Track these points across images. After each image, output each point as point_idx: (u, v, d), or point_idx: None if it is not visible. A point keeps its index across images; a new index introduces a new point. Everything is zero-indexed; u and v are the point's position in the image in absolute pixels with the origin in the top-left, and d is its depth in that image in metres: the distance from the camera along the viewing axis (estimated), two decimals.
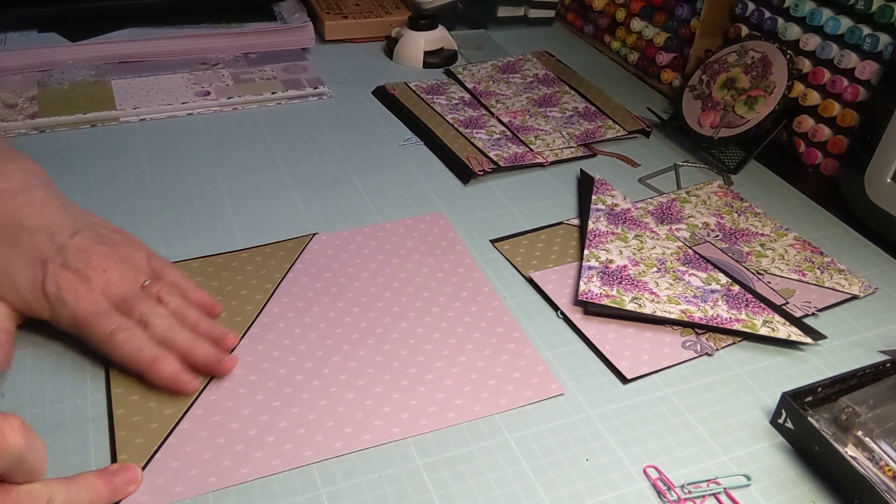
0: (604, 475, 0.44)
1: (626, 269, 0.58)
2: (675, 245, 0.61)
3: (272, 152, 0.71)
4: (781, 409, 0.47)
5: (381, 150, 0.73)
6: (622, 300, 0.55)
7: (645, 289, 0.56)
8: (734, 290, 0.57)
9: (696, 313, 0.54)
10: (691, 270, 0.58)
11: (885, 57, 0.67)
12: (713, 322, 0.53)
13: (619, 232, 0.62)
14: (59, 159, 0.67)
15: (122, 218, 0.61)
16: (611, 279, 0.56)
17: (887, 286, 0.60)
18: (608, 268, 0.57)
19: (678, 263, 0.59)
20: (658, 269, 0.58)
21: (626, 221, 0.63)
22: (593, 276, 0.57)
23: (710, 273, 0.58)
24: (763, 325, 0.54)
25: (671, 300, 0.55)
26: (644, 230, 0.62)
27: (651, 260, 0.59)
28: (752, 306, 0.55)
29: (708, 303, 0.55)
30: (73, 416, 0.44)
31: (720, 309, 0.55)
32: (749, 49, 0.76)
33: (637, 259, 0.59)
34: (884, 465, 0.42)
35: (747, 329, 0.53)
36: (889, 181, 0.64)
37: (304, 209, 0.64)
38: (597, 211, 0.64)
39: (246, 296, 0.54)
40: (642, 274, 0.57)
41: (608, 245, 0.60)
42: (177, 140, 0.71)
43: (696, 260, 0.60)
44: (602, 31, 0.99)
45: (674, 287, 0.56)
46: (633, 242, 0.61)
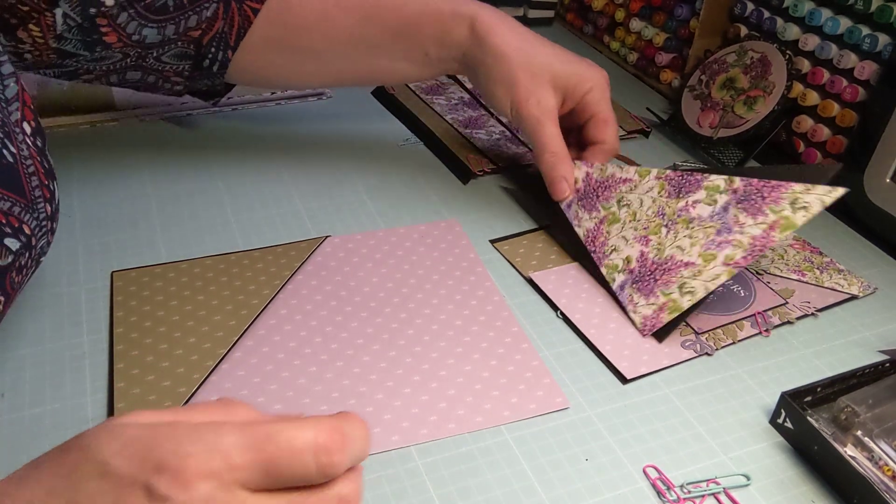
0: (603, 475, 0.44)
1: (645, 257, 0.53)
2: (654, 180, 0.56)
3: (272, 152, 0.71)
4: (781, 408, 0.47)
5: (380, 151, 0.73)
6: (675, 301, 0.51)
7: (679, 265, 0.52)
8: (738, 188, 0.51)
9: (737, 255, 0.49)
10: (690, 199, 0.53)
11: (885, 57, 0.67)
12: (756, 250, 0.49)
13: (605, 213, 0.57)
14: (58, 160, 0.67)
15: (122, 218, 0.61)
16: (645, 283, 0.53)
17: (886, 286, 0.60)
18: (632, 271, 0.54)
19: (674, 202, 0.54)
20: (667, 227, 0.53)
21: (597, 194, 0.59)
22: (631, 294, 0.53)
23: (705, 185, 0.53)
24: (794, 210, 0.49)
25: (705, 258, 0.50)
26: (618, 187, 0.58)
27: (653, 220, 0.54)
28: (767, 195, 0.50)
29: (733, 230, 0.50)
30: (73, 416, 0.44)
31: (748, 227, 0.49)
32: (748, 49, 0.76)
33: (642, 233, 0.54)
34: (883, 465, 0.42)
35: (788, 230, 0.49)
36: (888, 181, 0.64)
37: (303, 209, 0.64)
38: (569, 209, 0.61)
39: (253, 291, 0.54)
40: (661, 249, 0.53)
41: (610, 241, 0.56)
42: (177, 140, 0.71)
43: (682, 182, 0.55)
44: (601, 32, 0.99)
45: (695, 237, 0.52)
46: (623, 213, 0.56)
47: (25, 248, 0.44)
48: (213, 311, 0.52)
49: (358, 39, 0.62)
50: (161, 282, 0.54)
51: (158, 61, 0.60)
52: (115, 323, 0.50)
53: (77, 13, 0.53)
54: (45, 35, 0.53)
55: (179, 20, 0.58)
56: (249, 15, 0.60)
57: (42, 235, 0.47)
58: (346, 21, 0.62)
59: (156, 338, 0.50)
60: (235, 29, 0.60)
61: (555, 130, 0.61)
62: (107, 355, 0.49)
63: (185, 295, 0.53)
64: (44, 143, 0.48)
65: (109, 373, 0.47)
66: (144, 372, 0.47)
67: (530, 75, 0.60)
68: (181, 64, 0.61)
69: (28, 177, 0.45)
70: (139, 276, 0.55)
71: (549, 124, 0.61)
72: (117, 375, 0.47)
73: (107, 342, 0.50)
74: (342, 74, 0.66)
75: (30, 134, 0.47)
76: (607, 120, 0.62)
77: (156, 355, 0.48)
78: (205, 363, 0.48)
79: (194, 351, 0.49)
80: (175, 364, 0.48)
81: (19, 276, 0.45)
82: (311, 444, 0.28)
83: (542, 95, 0.60)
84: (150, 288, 0.54)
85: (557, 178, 0.61)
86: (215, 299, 0.53)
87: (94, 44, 0.55)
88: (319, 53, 0.63)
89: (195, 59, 0.61)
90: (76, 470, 0.28)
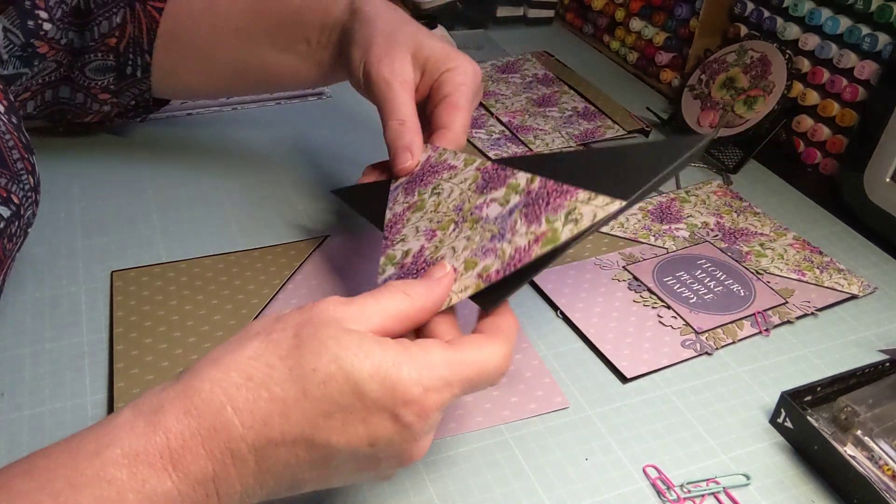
0: (603, 474, 0.44)
1: (421, 254, 0.46)
2: (473, 170, 0.49)
3: (272, 152, 0.71)
4: (781, 408, 0.47)
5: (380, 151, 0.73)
6: None
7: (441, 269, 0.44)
8: (533, 189, 0.44)
9: (493, 267, 0.42)
10: (489, 196, 0.46)
11: (884, 56, 0.67)
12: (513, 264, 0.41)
13: (416, 199, 0.50)
14: (58, 161, 0.67)
15: (122, 218, 0.61)
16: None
17: (886, 286, 0.60)
18: (403, 265, 0.46)
19: (476, 197, 0.47)
20: (455, 224, 0.46)
21: (422, 178, 0.51)
22: None
23: (508, 183, 0.46)
24: (566, 222, 0.41)
25: (467, 264, 0.43)
26: (441, 173, 0.50)
27: (449, 215, 0.47)
28: (552, 201, 0.43)
29: (506, 237, 0.43)
30: (73, 416, 0.44)
31: (518, 235, 0.43)
32: (748, 49, 0.76)
33: (434, 226, 0.47)
34: (883, 465, 0.42)
35: (549, 245, 0.41)
36: (888, 180, 0.64)
37: (303, 209, 0.64)
38: (394, 191, 0.52)
39: (253, 290, 0.54)
40: (438, 247, 0.46)
41: (405, 230, 0.48)
42: (177, 141, 0.71)
43: (493, 176, 0.48)
44: (601, 31, 0.99)
45: (472, 239, 0.45)
46: (431, 202, 0.49)
47: (15, 216, 0.45)
48: (213, 310, 0.52)
49: (243, 30, 0.61)
50: (161, 281, 0.54)
51: (83, 75, 0.61)
52: (115, 323, 0.50)
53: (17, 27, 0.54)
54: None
55: (93, 25, 0.59)
56: (154, 15, 0.60)
57: (28, 206, 0.47)
58: (233, 10, 0.61)
59: (155, 337, 0.50)
60: (145, 31, 0.60)
61: (406, 97, 0.53)
62: (107, 355, 0.49)
63: (184, 295, 0.53)
64: (19, 120, 0.49)
65: (109, 372, 0.47)
66: (144, 371, 0.47)
67: (391, 41, 0.54)
68: (105, 78, 0.62)
69: (9, 150, 0.46)
70: (139, 276, 0.55)
71: (401, 90, 0.53)
72: (117, 375, 0.47)
73: (107, 342, 0.50)
74: (230, 73, 0.64)
75: (3, 112, 0.47)
76: (458, 105, 0.53)
77: (155, 355, 0.48)
78: None
79: (194, 350, 0.49)
80: (174, 364, 0.48)
81: (10, 243, 0.45)
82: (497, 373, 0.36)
83: (399, 61, 0.53)
84: (150, 288, 0.54)
85: (401, 148, 0.51)
86: (215, 299, 0.53)
87: (31, 58, 0.56)
88: (207, 48, 0.62)
89: (117, 70, 0.62)
90: (330, 381, 0.32)
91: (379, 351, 0.33)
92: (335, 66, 0.60)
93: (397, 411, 0.32)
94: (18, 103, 0.60)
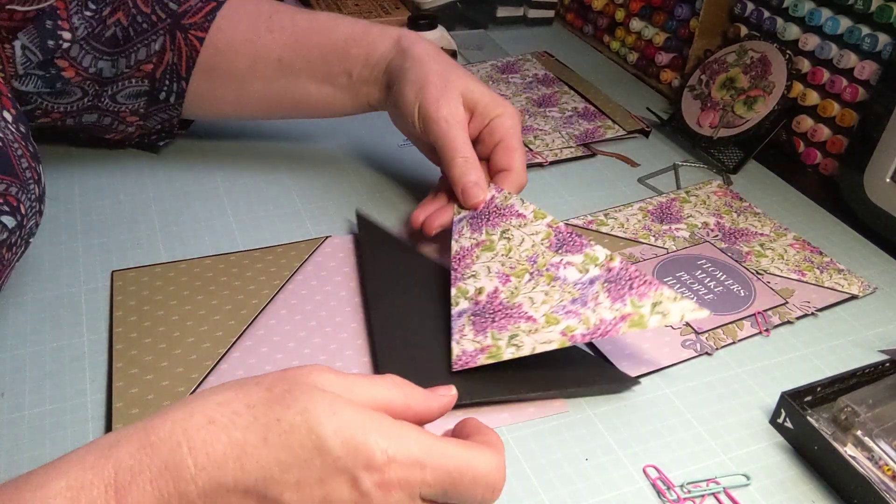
0: (603, 475, 0.44)
1: (497, 295, 0.50)
2: (544, 225, 0.54)
3: (272, 152, 0.71)
4: (781, 408, 0.47)
5: (380, 151, 0.73)
6: (499, 348, 0.47)
7: (521, 316, 0.49)
8: (614, 267, 0.50)
9: (578, 329, 0.46)
10: (565, 258, 0.51)
11: (885, 57, 0.67)
12: (598, 333, 0.46)
13: (485, 238, 0.54)
14: (58, 161, 0.67)
15: (122, 219, 0.61)
16: (482, 319, 0.49)
17: (886, 286, 0.60)
18: (478, 303, 0.50)
19: (550, 254, 0.52)
20: (531, 275, 0.51)
21: (489, 218, 0.55)
22: (464, 325, 0.49)
23: (586, 252, 0.51)
24: (653, 312, 0.47)
25: (549, 320, 0.47)
26: (510, 219, 0.55)
27: (522, 264, 0.52)
28: (635, 287, 0.48)
29: (588, 304, 0.48)
30: (73, 416, 0.44)
31: (602, 308, 0.47)
32: (748, 49, 0.76)
33: (507, 271, 0.52)
34: (883, 465, 0.42)
35: (636, 328, 0.46)
36: (888, 181, 0.64)
37: (303, 209, 0.64)
38: (458, 223, 0.56)
39: (253, 291, 0.54)
40: (514, 293, 0.50)
41: (475, 266, 0.53)
42: (177, 140, 0.71)
43: (568, 239, 0.52)
44: (601, 32, 0.99)
45: (550, 295, 0.49)
46: (501, 245, 0.53)
47: (19, 227, 0.45)
48: (213, 310, 0.52)
49: (284, 63, 0.62)
50: (161, 281, 0.54)
51: (114, 101, 0.61)
52: (115, 322, 0.50)
53: (36, 46, 0.54)
54: (5, 70, 0.54)
55: (130, 53, 0.58)
56: (195, 44, 0.60)
57: (32, 216, 0.47)
58: (274, 44, 0.61)
59: (155, 337, 0.50)
60: (184, 59, 0.61)
61: (465, 136, 0.57)
62: (106, 355, 0.49)
63: (184, 295, 0.53)
64: (27, 129, 0.49)
65: (109, 373, 0.47)
66: (143, 371, 0.47)
67: (444, 81, 0.58)
68: (136, 102, 0.62)
69: (17, 159, 0.46)
70: (139, 276, 0.55)
71: (459, 129, 0.57)
72: (116, 374, 0.47)
73: (107, 342, 0.50)
74: (263, 101, 0.65)
75: (11, 122, 0.47)
76: (516, 149, 0.58)
77: (155, 354, 0.48)
78: (203, 363, 0.48)
79: (193, 350, 0.49)
80: (174, 363, 0.48)
81: (10, 253, 0.45)
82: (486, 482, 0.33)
83: (454, 102, 0.57)
84: (150, 287, 0.54)
85: (471, 184, 0.56)
86: (215, 299, 0.53)
87: (53, 79, 0.56)
88: (243, 77, 0.62)
89: (150, 95, 0.61)
90: (293, 432, 0.30)
91: (349, 411, 0.31)
92: (375, 101, 0.63)
93: (357, 474, 0.30)
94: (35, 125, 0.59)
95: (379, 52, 0.61)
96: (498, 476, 0.33)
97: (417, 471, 0.31)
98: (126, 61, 0.59)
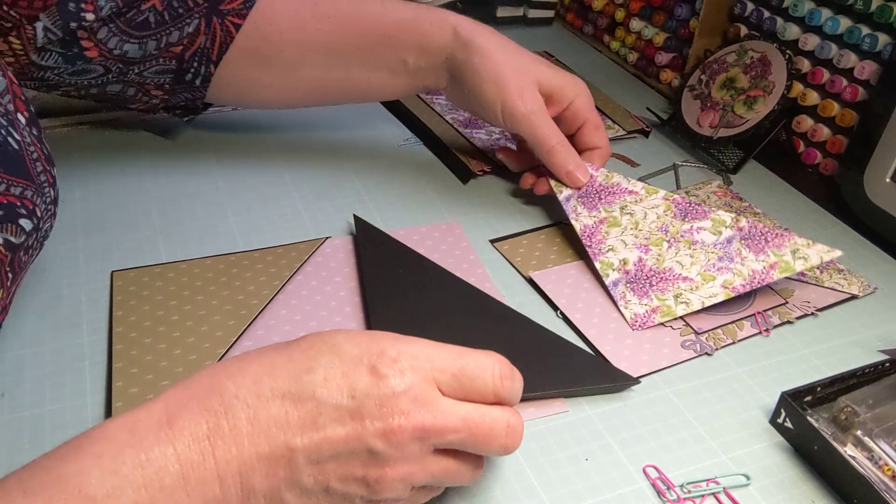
0: (603, 475, 0.44)
1: (643, 263, 0.55)
2: (660, 199, 0.59)
3: (272, 152, 0.71)
4: (781, 408, 0.47)
5: (380, 151, 0.73)
6: (669, 307, 0.53)
7: (677, 278, 0.54)
8: (744, 226, 0.56)
9: (736, 281, 0.53)
10: (695, 224, 0.56)
11: (884, 57, 0.67)
12: (755, 283, 0.53)
13: (605, 216, 0.59)
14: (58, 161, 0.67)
15: (121, 219, 0.61)
16: (640, 285, 0.54)
17: (886, 286, 0.60)
18: (628, 272, 0.55)
19: (679, 223, 0.57)
20: (669, 243, 0.56)
21: (601, 197, 0.60)
22: (624, 292, 0.54)
23: (712, 217, 0.56)
24: (795, 258, 0.53)
25: (705, 277, 0.53)
26: (623, 196, 0.60)
27: (655, 234, 0.56)
28: (770, 240, 0.54)
29: (735, 260, 0.54)
30: (72, 416, 0.44)
31: (749, 261, 0.53)
32: (748, 49, 0.76)
33: (643, 242, 0.56)
34: (883, 465, 0.42)
35: (786, 273, 0.53)
36: (888, 181, 0.64)
37: (303, 210, 0.64)
38: (567, 202, 0.61)
39: (253, 291, 0.54)
40: (660, 259, 0.55)
41: (609, 241, 0.57)
42: (177, 140, 0.71)
43: (689, 208, 0.58)
44: (601, 31, 0.99)
45: (696, 257, 0.55)
46: (625, 220, 0.58)
47: (35, 229, 0.45)
48: (213, 311, 0.52)
49: (333, 49, 0.62)
50: (161, 282, 0.54)
51: (140, 76, 0.60)
52: (115, 322, 0.50)
53: (58, 27, 0.53)
54: (25, 47, 0.53)
55: (161, 36, 0.57)
56: (231, 30, 0.60)
57: (47, 219, 0.48)
58: (322, 30, 0.61)
59: (155, 337, 0.50)
60: (217, 44, 0.60)
61: (552, 123, 0.61)
62: (106, 355, 0.49)
63: (184, 295, 0.53)
64: (40, 132, 0.49)
65: (108, 373, 0.47)
66: (143, 371, 0.47)
67: (519, 73, 0.60)
68: (163, 77, 0.61)
69: (33, 162, 0.46)
70: (139, 276, 0.55)
71: (547, 118, 0.61)
72: (115, 374, 0.47)
73: (107, 342, 0.50)
74: (314, 89, 0.65)
75: (25, 125, 0.47)
76: (599, 125, 0.63)
77: (155, 355, 0.48)
78: (203, 363, 0.48)
79: (193, 351, 0.49)
80: (173, 363, 0.48)
81: (26, 255, 0.45)
82: (492, 368, 0.36)
83: (535, 94, 0.60)
84: (150, 288, 0.54)
85: (573, 168, 0.61)
86: (215, 299, 0.53)
87: (74, 58, 0.55)
88: (292, 65, 0.62)
89: (177, 73, 0.61)
90: (311, 347, 0.35)
91: (366, 336, 0.36)
92: (435, 86, 0.65)
93: (373, 362, 0.34)
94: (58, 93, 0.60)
95: (436, 42, 0.61)
96: (504, 367, 0.37)
97: (426, 358, 0.36)
98: (156, 44, 0.58)
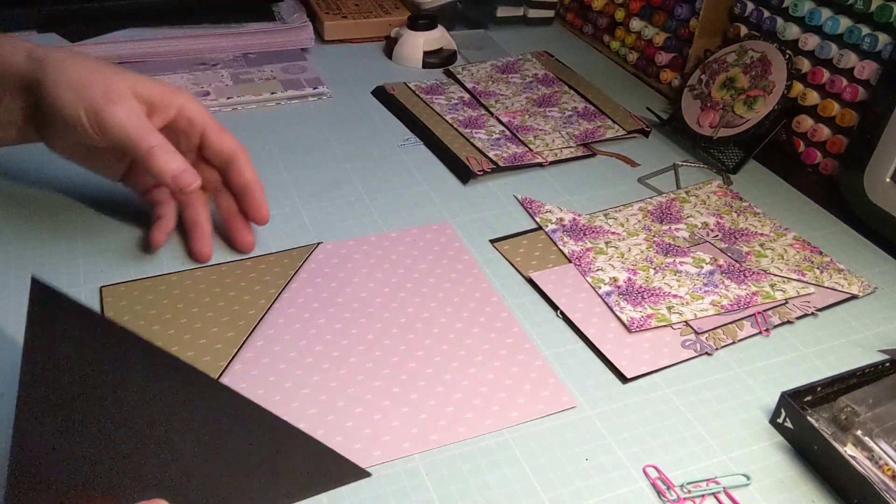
0: (603, 475, 0.44)
1: (633, 281, 0.57)
2: (641, 238, 0.61)
3: (271, 153, 0.71)
4: (781, 408, 0.47)
5: (380, 151, 0.73)
6: (663, 315, 0.54)
7: (667, 295, 0.56)
8: (722, 264, 0.59)
9: (723, 301, 0.55)
10: (677, 259, 0.59)
11: (885, 56, 0.67)
12: (742, 303, 0.55)
13: (591, 246, 0.60)
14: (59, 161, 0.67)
15: (121, 219, 0.61)
16: (633, 297, 0.55)
17: (886, 286, 0.60)
18: (619, 287, 0.56)
19: (661, 256, 0.59)
20: (654, 270, 0.58)
21: (584, 232, 0.62)
22: (618, 301, 0.55)
23: (693, 256, 0.59)
24: (773, 290, 0.57)
25: (694, 297, 0.55)
26: (606, 234, 0.62)
27: (640, 263, 0.58)
28: (749, 276, 0.58)
29: (719, 287, 0.56)
30: None
31: (733, 289, 0.57)
32: (748, 49, 0.76)
33: (631, 266, 0.58)
34: (883, 465, 0.42)
35: (767, 300, 0.56)
36: (888, 180, 0.64)
37: (303, 210, 0.64)
38: (553, 232, 0.62)
39: (249, 301, 0.53)
40: (649, 280, 0.57)
41: (597, 263, 0.59)
42: None
43: (669, 247, 0.61)
44: (601, 31, 0.99)
45: (682, 282, 0.57)
46: (611, 251, 0.60)
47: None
48: (209, 323, 0.51)
49: None
50: (152, 295, 0.53)
51: None
52: None
53: None
54: None
55: None
56: None
57: None
58: None
59: None
60: None
61: (151, 125, 0.52)
62: None
63: (178, 308, 0.52)
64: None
65: None
66: None
67: (105, 78, 0.51)
68: None
69: None
70: (129, 291, 0.53)
71: (143, 119, 0.52)
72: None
73: None
74: None
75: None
76: (222, 128, 0.56)
77: None
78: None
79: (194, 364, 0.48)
80: None
81: None
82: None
83: (126, 97, 0.51)
84: (142, 302, 0.52)
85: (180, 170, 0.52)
86: (210, 311, 0.52)
87: None
88: None
89: None
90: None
91: None
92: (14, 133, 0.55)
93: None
94: None
95: (9, 67, 0.52)
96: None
97: None
98: None
